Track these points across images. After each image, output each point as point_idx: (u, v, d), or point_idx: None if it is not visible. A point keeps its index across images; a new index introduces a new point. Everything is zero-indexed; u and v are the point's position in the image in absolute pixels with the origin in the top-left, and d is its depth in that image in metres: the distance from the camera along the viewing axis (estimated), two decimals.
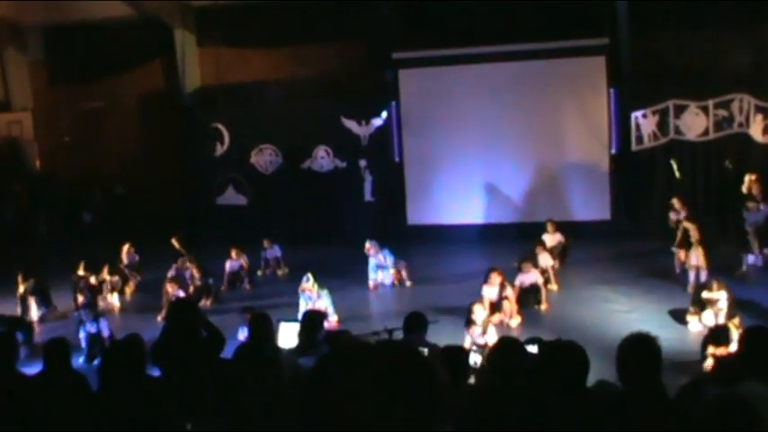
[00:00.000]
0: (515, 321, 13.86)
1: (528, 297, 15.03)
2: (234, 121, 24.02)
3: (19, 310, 16.38)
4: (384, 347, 2.62)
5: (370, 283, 17.52)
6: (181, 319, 7.30)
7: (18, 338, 12.91)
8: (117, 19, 24.29)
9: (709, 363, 10.38)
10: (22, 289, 16.65)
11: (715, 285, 13.05)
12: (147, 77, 25.73)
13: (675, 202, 17.87)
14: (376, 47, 22.87)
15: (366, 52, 23.40)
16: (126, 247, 19.05)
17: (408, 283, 17.49)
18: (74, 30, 25.42)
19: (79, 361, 12.38)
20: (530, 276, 15.21)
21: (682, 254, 16.01)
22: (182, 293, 15.40)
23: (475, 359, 10.93)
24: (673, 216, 17.71)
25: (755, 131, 19.98)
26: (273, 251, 19.50)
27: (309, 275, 14.68)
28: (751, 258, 16.48)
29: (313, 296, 14.42)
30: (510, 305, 14.02)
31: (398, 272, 17.58)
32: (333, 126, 22.95)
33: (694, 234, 15.76)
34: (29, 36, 26.70)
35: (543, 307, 15.01)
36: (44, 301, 16.71)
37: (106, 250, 18.76)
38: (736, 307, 12.69)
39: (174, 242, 18.51)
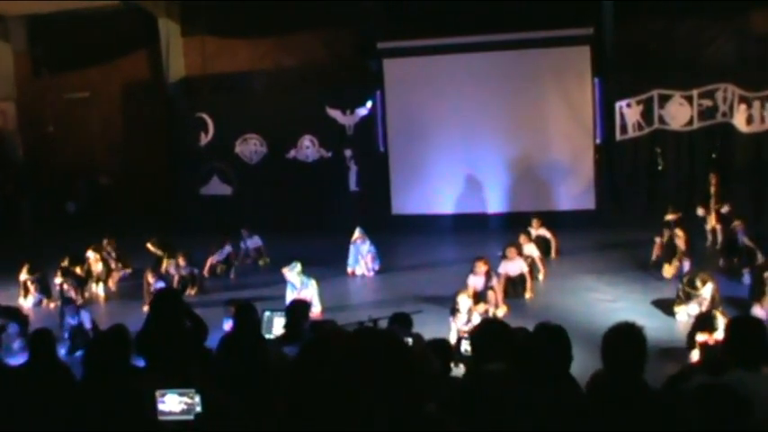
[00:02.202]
0: (501, 311, 13.88)
1: (514, 287, 15.08)
2: (218, 111, 23.95)
3: (21, 296, 16.58)
4: (367, 334, 2.63)
5: (349, 270, 17.62)
6: (164, 309, 7.29)
7: (12, 330, 13.04)
8: (101, 9, 24.20)
9: (696, 351, 10.40)
10: (24, 276, 16.73)
11: (699, 281, 13.07)
12: (132, 67, 25.62)
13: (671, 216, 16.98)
14: (361, 36, 22.86)
15: (351, 42, 23.37)
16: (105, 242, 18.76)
17: (370, 273, 17.57)
18: (58, 19, 25.30)
19: (61, 352, 12.33)
20: (515, 264, 15.24)
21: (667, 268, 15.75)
22: (161, 284, 15.39)
23: (466, 347, 10.95)
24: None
25: (739, 121, 20.06)
26: (254, 241, 19.43)
27: (298, 264, 14.63)
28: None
29: (298, 285, 14.40)
30: (495, 295, 14.03)
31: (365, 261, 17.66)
32: (318, 116, 22.91)
33: (681, 243, 15.71)
34: (12, 26, 26.56)
35: (528, 296, 15.05)
36: (43, 290, 16.76)
37: (90, 240, 18.64)
38: (720, 298, 12.73)
39: (150, 246, 18.42)
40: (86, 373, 6.37)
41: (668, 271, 15.25)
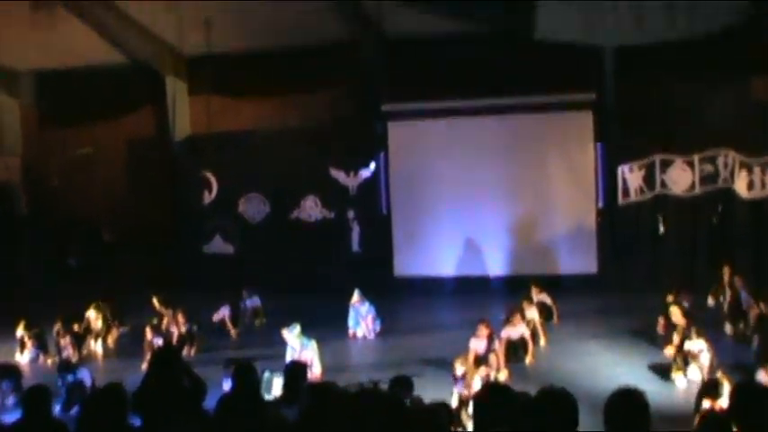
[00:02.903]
0: (502, 375, 13.77)
1: (515, 351, 14.99)
2: (223, 170, 24.05)
3: (18, 351, 16.60)
4: (368, 397, 2.61)
5: (350, 332, 17.56)
6: (163, 367, 7.23)
7: (6, 386, 12.97)
8: (109, 65, 24.40)
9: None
10: (21, 332, 16.74)
11: (694, 334, 13.11)
12: (138, 124, 25.77)
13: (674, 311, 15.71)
14: (365, 98, 23.02)
15: (355, 104, 23.53)
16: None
17: (371, 335, 17.48)
18: (66, 75, 25.50)
19: (56, 409, 12.21)
20: (517, 329, 15.17)
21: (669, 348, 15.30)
22: (160, 340, 15.35)
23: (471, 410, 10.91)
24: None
25: (740, 187, 20.11)
26: (253, 301, 19.42)
27: (297, 326, 14.56)
28: None
29: (297, 347, 14.32)
30: (497, 358, 13.93)
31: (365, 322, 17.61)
32: (321, 176, 23.01)
33: (679, 320, 15.46)
34: (21, 80, 26.78)
35: (528, 360, 14.96)
36: (41, 346, 16.72)
37: (91, 296, 18.61)
38: (718, 362, 12.71)
39: (156, 302, 18.36)
40: None
41: (669, 350, 14.98)
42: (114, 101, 25.44)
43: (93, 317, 17.59)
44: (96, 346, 17.31)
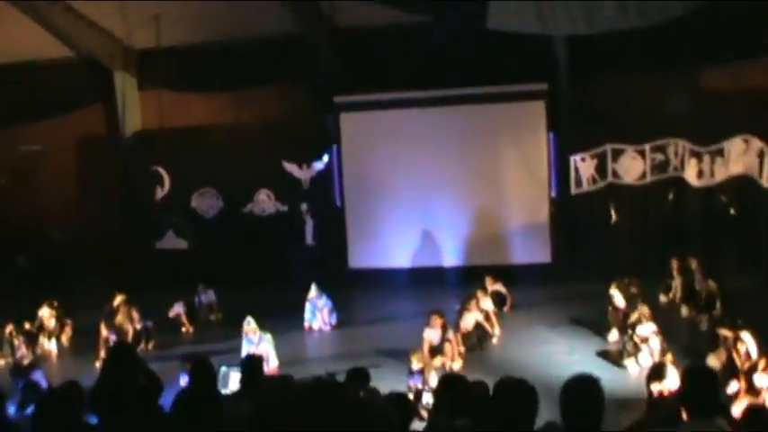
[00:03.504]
0: (457, 364, 13.86)
1: (479, 338, 15.15)
2: (175, 165, 23.82)
3: None
4: (323, 389, 2.62)
5: (306, 324, 17.58)
6: (118, 363, 7.18)
7: None
8: (56, 61, 24.03)
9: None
10: None
11: (644, 318, 13.38)
12: (87, 120, 25.38)
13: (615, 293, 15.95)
14: (318, 91, 22.92)
15: (308, 96, 23.41)
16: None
17: (327, 328, 17.50)
18: (11, 70, 25.07)
19: (11, 410, 12.07)
20: (473, 315, 15.30)
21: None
22: (114, 337, 15.28)
23: (427, 399, 11.05)
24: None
25: (690, 175, 20.33)
26: (208, 296, 19.36)
27: (250, 319, 14.59)
28: None
29: (254, 340, 14.32)
30: (452, 348, 14.01)
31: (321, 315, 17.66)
32: (274, 170, 22.90)
33: (619, 302, 15.61)
34: None
35: (495, 340, 15.29)
36: None
37: (41, 296, 18.41)
38: (668, 346, 12.95)
39: (120, 300, 18.08)
40: None
41: (612, 335, 15.19)
42: (63, 97, 24.97)
43: (47, 315, 17.41)
44: (50, 345, 17.14)
